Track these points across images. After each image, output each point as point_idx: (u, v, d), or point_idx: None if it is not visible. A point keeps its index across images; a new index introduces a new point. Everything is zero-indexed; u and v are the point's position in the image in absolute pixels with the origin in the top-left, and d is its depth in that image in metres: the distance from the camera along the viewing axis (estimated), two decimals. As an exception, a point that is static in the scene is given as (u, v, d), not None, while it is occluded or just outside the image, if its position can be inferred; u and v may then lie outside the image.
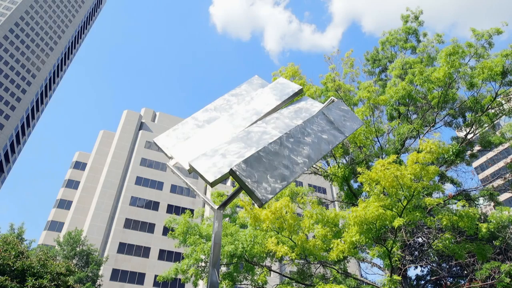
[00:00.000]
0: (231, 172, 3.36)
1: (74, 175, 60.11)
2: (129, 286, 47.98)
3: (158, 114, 69.08)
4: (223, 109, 4.93)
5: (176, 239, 11.17)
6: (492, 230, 11.68)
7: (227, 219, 12.89)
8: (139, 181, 57.74)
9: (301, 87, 5.01)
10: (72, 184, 58.90)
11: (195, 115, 4.80)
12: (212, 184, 3.60)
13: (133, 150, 60.11)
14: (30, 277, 11.92)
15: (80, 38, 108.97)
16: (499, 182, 17.02)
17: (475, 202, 15.64)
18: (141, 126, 63.83)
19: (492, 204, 16.46)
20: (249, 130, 4.40)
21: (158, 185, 58.74)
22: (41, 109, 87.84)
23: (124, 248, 50.89)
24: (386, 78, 18.06)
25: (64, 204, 56.11)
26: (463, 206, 10.63)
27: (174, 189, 59.55)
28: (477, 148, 16.11)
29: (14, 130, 71.98)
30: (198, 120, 4.74)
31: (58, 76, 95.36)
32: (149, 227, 54.43)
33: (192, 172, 3.97)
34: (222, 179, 3.79)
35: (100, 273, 38.16)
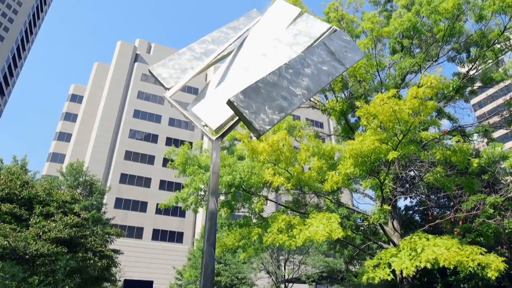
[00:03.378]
0: (229, 103, 3.34)
1: (71, 108, 59.87)
2: (132, 213, 50.63)
3: (153, 46, 66.66)
4: (220, 42, 4.77)
5: (176, 169, 11.50)
6: (483, 165, 12.03)
7: (225, 151, 13.16)
8: (137, 114, 57.74)
9: (299, 10, 4.86)
10: (70, 117, 58.93)
11: (192, 46, 4.65)
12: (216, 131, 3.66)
13: (129, 83, 59.13)
14: (37, 205, 12.45)
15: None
16: (496, 119, 17.13)
17: (469, 138, 15.89)
18: (136, 58, 61.95)
19: (486, 140, 16.75)
20: (248, 64, 4.33)
21: (156, 118, 58.90)
22: (31, 39, 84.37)
23: (126, 179, 52.68)
24: (391, 8, 17.17)
25: (64, 137, 56.72)
26: (458, 141, 10.82)
27: (172, 122, 59.83)
28: (477, 84, 15.95)
29: (10, 52, 69.83)
30: (195, 52, 4.60)
31: (45, 3, 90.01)
32: (149, 159, 55.76)
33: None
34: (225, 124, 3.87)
35: (104, 201, 39.95)
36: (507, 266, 8.90)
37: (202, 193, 11.11)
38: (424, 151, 11.33)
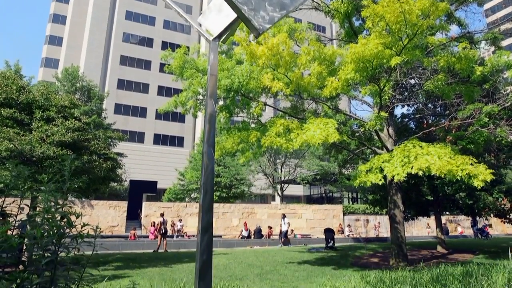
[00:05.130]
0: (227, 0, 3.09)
1: (59, 8, 56.13)
2: (132, 118, 51.39)
3: None
4: None
5: (173, 73, 11.27)
6: (486, 74, 11.79)
7: (223, 55, 12.75)
8: (129, 16, 54.50)
9: None
10: (58, 19, 55.61)
11: None
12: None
13: (118, -20, 54.45)
14: (37, 110, 12.47)
15: None
16: (508, 25, 16.27)
17: (477, 45, 15.30)
18: (123, -51, 55.90)
19: (493, 49, 16.16)
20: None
21: (150, 20, 55.79)
22: None
23: (123, 85, 52.17)
24: None
25: (55, 41, 54.34)
26: (464, 48, 10.43)
27: (167, 24, 56.84)
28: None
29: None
30: None
31: None
32: (145, 64, 54.47)
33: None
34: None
35: (103, 107, 40.18)
36: (494, 177, 9.37)
37: (201, 97, 11.07)
38: (428, 58, 11.00)
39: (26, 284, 2.68)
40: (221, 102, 11.97)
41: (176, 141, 53.50)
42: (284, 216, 22.32)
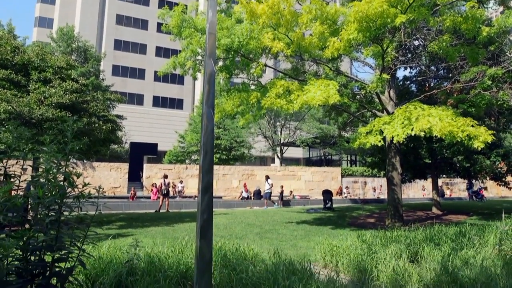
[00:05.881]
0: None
1: (49, -38, 53.46)
2: (131, 80, 50.73)
3: None
4: None
5: (171, 33, 10.95)
6: (492, 35, 11.47)
7: (222, 14, 12.31)
8: (123, -30, 52.13)
9: None
10: (50, -26, 53.16)
11: None
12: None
13: None
14: (33, 71, 12.26)
15: None
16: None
17: (485, 5, 14.76)
18: None
19: (502, 9, 15.61)
20: None
21: (145, -23, 53.48)
22: None
23: (120, 45, 50.96)
24: None
25: (48, -2, 52.27)
26: (472, 7, 10.07)
27: (164, -19, 54.52)
28: None
29: None
30: None
31: None
32: (142, 24, 52.93)
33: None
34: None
35: (101, 68, 39.48)
36: (494, 138, 9.39)
37: (200, 57, 10.82)
38: (434, 17, 10.65)
39: (32, 241, 2.77)
40: (220, 63, 11.73)
41: (176, 103, 53.14)
42: (267, 177, 22.40)
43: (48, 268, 2.84)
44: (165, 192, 17.92)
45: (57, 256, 2.88)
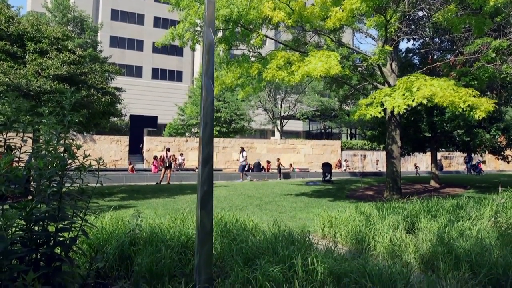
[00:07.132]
0: None
1: None
2: (129, 52, 49.87)
3: None
4: None
5: (169, 3, 10.64)
6: (499, 5, 11.15)
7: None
8: None
9: None
10: None
11: None
12: None
13: None
14: (29, 42, 12.02)
15: None
16: None
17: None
18: None
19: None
20: None
21: None
22: None
23: (118, 15, 49.75)
24: None
25: (41, -36, 50.49)
26: (479, -25, 9.74)
27: None
28: None
29: None
30: None
31: None
32: (139, -7, 51.42)
33: None
34: None
35: (98, 39, 38.71)
36: (496, 107, 9.34)
37: (199, 28, 10.56)
38: (440, -14, 10.34)
39: (35, 212, 2.80)
40: (220, 34, 11.48)
41: (175, 75, 52.50)
42: (242, 149, 22.13)
43: (51, 238, 2.89)
44: (167, 164, 18.06)
45: (60, 226, 2.93)
